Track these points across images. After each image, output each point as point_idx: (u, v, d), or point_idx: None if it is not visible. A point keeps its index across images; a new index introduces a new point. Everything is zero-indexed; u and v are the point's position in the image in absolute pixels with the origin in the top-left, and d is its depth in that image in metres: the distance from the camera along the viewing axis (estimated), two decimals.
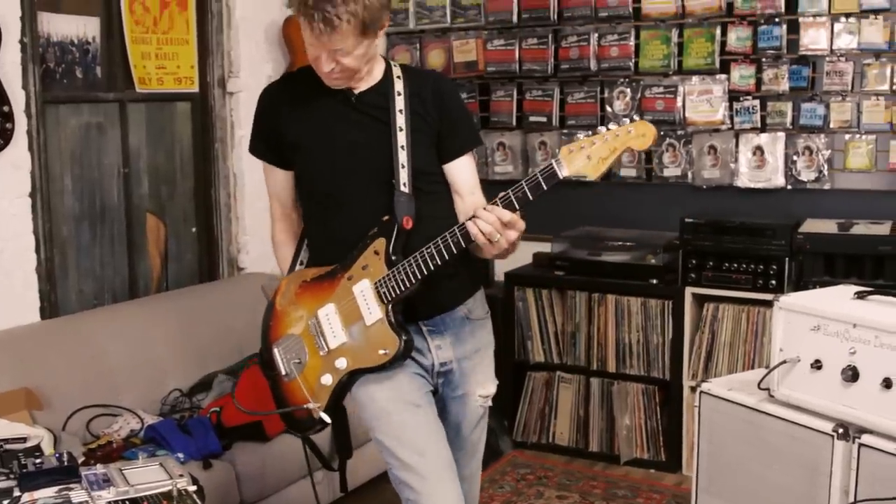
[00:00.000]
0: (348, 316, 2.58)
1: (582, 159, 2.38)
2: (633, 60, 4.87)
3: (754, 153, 4.65)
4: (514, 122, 5.21)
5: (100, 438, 3.49)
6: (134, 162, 4.44)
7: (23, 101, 3.77)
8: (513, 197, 2.44)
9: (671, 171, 4.85)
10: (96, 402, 3.65)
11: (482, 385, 2.78)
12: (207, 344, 4.14)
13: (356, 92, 2.64)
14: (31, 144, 3.81)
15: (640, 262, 4.70)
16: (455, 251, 2.47)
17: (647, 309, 4.62)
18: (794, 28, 4.52)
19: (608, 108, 4.96)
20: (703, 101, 4.73)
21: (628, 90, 4.90)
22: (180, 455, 2.72)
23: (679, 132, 4.82)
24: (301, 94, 2.67)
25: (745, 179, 4.68)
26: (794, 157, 4.58)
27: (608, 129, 2.40)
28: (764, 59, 4.59)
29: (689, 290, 4.50)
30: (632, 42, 4.86)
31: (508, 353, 4.94)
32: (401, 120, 2.61)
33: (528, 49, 5.10)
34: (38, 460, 2.55)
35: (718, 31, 4.67)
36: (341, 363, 2.56)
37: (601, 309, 4.73)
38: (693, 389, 4.18)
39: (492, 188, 5.18)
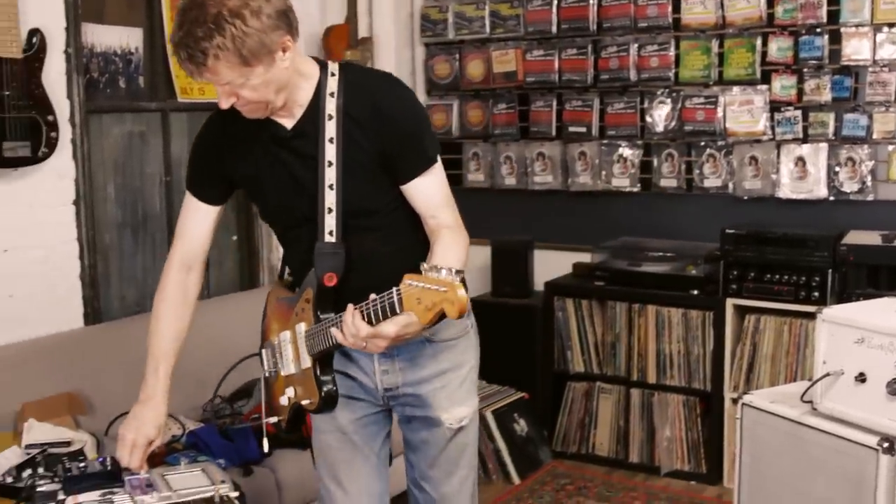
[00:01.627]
0: (295, 351, 2.42)
1: (413, 301, 2.00)
2: (673, 71, 4.84)
3: (796, 164, 4.61)
4: (554, 133, 5.20)
5: None
6: (176, 170, 4.46)
7: (67, 110, 3.82)
8: (369, 312, 2.12)
9: (712, 182, 4.82)
10: None
11: (446, 410, 2.54)
12: (248, 350, 4.12)
13: (286, 125, 2.36)
14: (75, 153, 3.86)
15: (680, 272, 4.67)
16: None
17: (688, 320, 4.59)
18: (835, 38, 4.47)
19: (648, 119, 4.94)
20: (744, 112, 4.70)
21: (668, 101, 4.88)
22: (221, 461, 2.72)
23: (720, 143, 4.79)
24: (238, 128, 2.39)
25: (786, 190, 4.64)
26: (837, 168, 4.54)
27: (443, 277, 1.98)
28: (805, 70, 4.55)
29: (730, 302, 4.46)
30: (672, 52, 4.84)
31: (548, 362, 4.95)
32: (331, 152, 2.30)
33: (567, 59, 5.09)
34: (81, 464, 2.56)
35: (759, 42, 4.64)
36: (290, 392, 2.45)
37: (641, 319, 4.71)
38: (734, 401, 4.14)
39: (531, 198, 5.23)
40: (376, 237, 2.39)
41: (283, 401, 2.46)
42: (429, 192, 2.38)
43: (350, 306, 2.16)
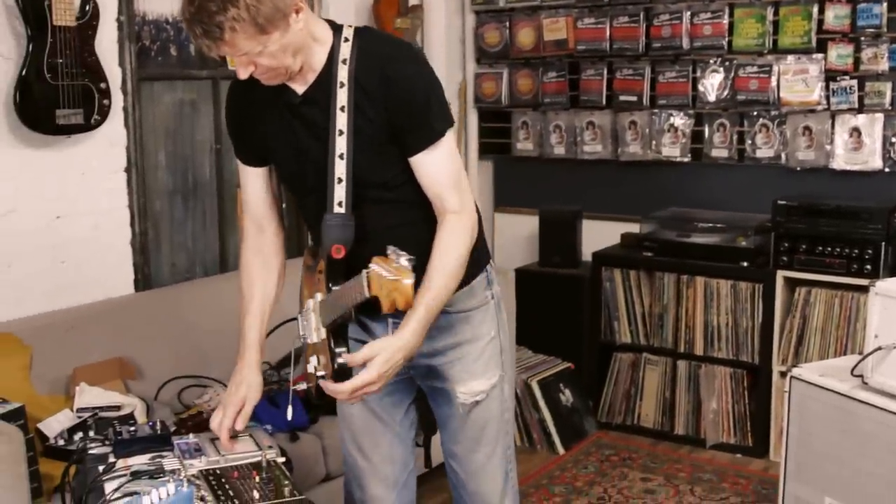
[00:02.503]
0: (317, 320, 2.37)
1: (377, 285, 2.01)
2: (726, 39, 4.77)
3: (851, 135, 4.53)
4: (604, 102, 5.15)
5: (190, 409, 3.49)
6: (226, 138, 4.37)
7: (119, 78, 3.83)
8: (346, 298, 2.16)
9: (764, 153, 4.75)
10: (187, 373, 3.67)
11: (463, 383, 2.49)
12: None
13: (298, 91, 2.31)
14: (126, 121, 3.88)
15: (730, 244, 4.62)
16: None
17: (737, 292, 4.54)
18: (895, 6, 4.37)
19: (700, 88, 4.87)
20: (798, 81, 4.62)
21: (721, 69, 4.81)
22: (268, 427, 2.75)
23: (773, 113, 4.71)
24: (257, 94, 2.34)
25: (840, 161, 4.56)
26: (893, 139, 4.45)
27: (401, 265, 1.98)
28: (863, 38, 4.46)
29: (780, 274, 4.41)
30: (725, 20, 4.76)
31: (595, 333, 4.94)
32: (342, 121, 2.25)
33: (619, 27, 5.03)
34: (131, 428, 2.57)
35: (815, 10, 4.54)
36: (314, 361, 2.38)
37: (689, 291, 4.66)
38: (783, 374, 4.12)
39: (580, 168, 5.20)
40: (386, 209, 2.34)
41: (311, 368, 2.41)
42: (434, 168, 2.29)
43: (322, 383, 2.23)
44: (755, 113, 4.75)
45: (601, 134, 5.17)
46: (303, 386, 2.48)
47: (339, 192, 2.26)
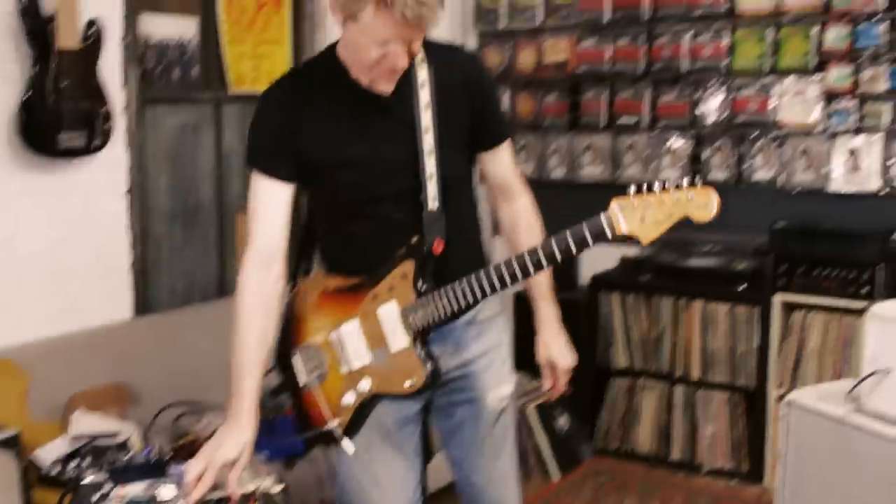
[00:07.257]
0: (372, 337, 2.32)
1: (636, 220, 2.07)
2: (726, 60, 4.75)
3: (849, 156, 4.52)
4: (605, 123, 5.11)
5: (187, 435, 3.43)
6: (226, 162, 4.41)
7: (121, 101, 3.81)
8: (567, 244, 2.21)
9: (762, 175, 4.72)
10: (185, 398, 3.59)
11: (493, 388, 2.53)
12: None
13: (386, 90, 2.28)
14: (128, 144, 3.85)
15: (727, 267, 4.60)
16: (496, 289, 2.23)
17: (734, 315, 4.53)
18: None
19: (699, 110, 4.86)
20: (797, 103, 4.60)
21: (721, 91, 4.78)
22: (266, 452, 2.71)
23: (771, 134, 4.70)
24: (317, 96, 2.31)
25: (838, 184, 4.54)
26: (891, 162, 4.44)
27: (666, 189, 2.07)
28: (861, 59, 4.44)
29: (777, 297, 4.39)
30: (725, 42, 4.74)
31: (590, 357, 4.81)
32: (427, 117, 2.27)
33: (619, 48, 5.01)
34: (127, 455, 2.61)
35: (816, 30, 4.53)
36: (365, 385, 2.34)
37: (686, 315, 4.63)
38: (780, 399, 4.09)
39: (579, 191, 5.11)
40: (461, 213, 2.42)
41: (349, 399, 2.35)
42: (508, 158, 2.50)
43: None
44: (754, 135, 4.72)
45: (600, 156, 5.14)
46: (334, 424, 2.38)
47: (432, 188, 2.29)
